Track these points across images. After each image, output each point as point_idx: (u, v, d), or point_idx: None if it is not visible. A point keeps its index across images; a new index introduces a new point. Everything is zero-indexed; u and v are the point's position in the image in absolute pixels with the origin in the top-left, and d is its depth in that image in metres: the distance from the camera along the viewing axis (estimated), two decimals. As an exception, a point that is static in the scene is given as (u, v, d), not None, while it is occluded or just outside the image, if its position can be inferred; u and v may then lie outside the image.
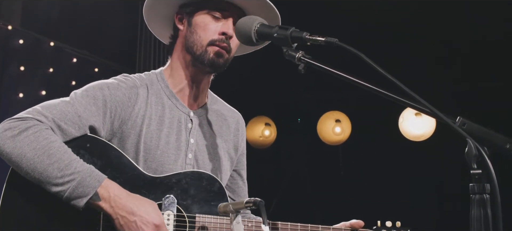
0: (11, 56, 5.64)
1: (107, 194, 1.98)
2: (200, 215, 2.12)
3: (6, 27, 5.54)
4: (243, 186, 2.55)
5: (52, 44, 6.01)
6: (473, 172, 1.35)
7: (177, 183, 2.14)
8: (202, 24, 2.24)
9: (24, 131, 1.98)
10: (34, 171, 1.95)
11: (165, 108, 2.27)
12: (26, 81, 5.71)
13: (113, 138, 2.17)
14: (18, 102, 5.64)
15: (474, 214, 1.34)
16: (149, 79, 2.30)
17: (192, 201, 2.12)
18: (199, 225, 2.10)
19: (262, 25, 1.88)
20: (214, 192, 2.16)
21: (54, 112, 2.05)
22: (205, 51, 2.23)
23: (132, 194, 2.03)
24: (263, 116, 7.56)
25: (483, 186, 1.33)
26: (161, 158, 2.19)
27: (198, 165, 2.29)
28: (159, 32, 2.49)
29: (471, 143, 1.35)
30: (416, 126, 6.80)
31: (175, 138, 2.25)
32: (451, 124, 1.41)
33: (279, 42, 1.80)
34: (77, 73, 6.27)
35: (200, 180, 2.16)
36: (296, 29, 1.77)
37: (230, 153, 2.44)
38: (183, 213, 2.11)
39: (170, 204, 2.08)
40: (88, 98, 2.12)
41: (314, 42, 1.71)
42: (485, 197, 1.33)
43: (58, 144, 1.99)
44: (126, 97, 2.18)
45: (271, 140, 7.55)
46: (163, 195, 2.09)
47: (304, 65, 1.72)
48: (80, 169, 1.97)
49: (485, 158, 1.32)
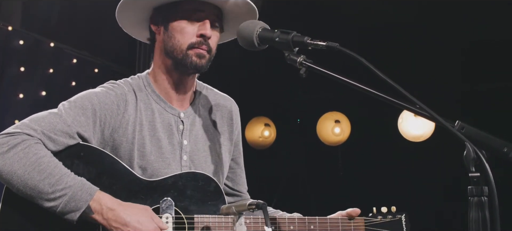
0: (11, 57, 5.64)
1: (99, 206, 1.97)
2: (198, 215, 2.13)
3: (6, 28, 5.54)
4: (241, 173, 2.55)
5: (52, 45, 6.01)
6: (471, 175, 1.37)
7: (173, 185, 2.14)
8: (179, 28, 2.21)
9: (13, 147, 1.96)
10: (25, 188, 1.94)
11: (155, 113, 2.26)
12: (26, 81, 5.69)
13: (105, 147, 2.16)
14: (18, 103, 5.63)
15: (472, 216, 1.35)
16: (136, 84, 2.29)
17: (189, 202, 2.14)
18: (198, 226, 2.11)
19: (264, 29, 1.89)
20: (211, 191, 2.17)
21: (42, 124, 2.03)
22: (185, 55, 2.21)
23: (124, 204, 2.03)
24: (263, 117, 7.58)
25: (481, 189, 1.35)
26: (155, 163, 2.19)
27: (194, 165, 2.29)
28: (136, 34, 2.47)
29: (470, 146, 1.37)
30: (415, 126, 6.83)
31: (167, 142, 2.25)
32: (450, 127, 1.42)
33: (280, 46, 1.81)
34: (77, 74, 6.28)
35: (196, 181, 2.17)
36: (298, 33, 1.79)
37: (226, 145, 2.43)
38: (181, 215, 2.12)
39: (168, 206, 2.09)
40: (76, 109, 2.11)
41: (316, 46, 1.73)
42: (483, 200, 1.35)
43: (48, 159, 1.98)
44: (115, 105, 2.17)
45: (271, 140, 7.57)
46: (160, 198, 2.10)
47: (305, 69, 1.74)
48: (71, 183, 1.96)
49: (483, 161, 1.34)
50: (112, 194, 2.03)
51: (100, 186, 2.02)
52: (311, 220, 2.27)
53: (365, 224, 2.42)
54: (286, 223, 2.24)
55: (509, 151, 1.40)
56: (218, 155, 2.38)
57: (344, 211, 2.40)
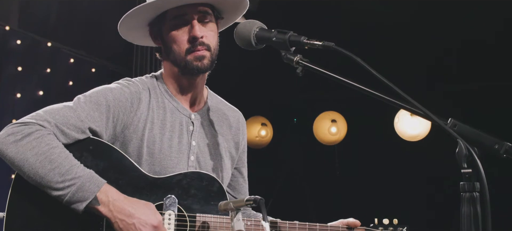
0: (8, 57, 5.65)
1: (105, 198, 2.03)
2: (201, 214, 2.17)
3: (4, 28, 5.56)
4: (244, 183, 2.58)
5: (49, 44, 6.02)
6: (463, 171, 1.40)
7: (178, 184, 2.18)
8: (171, 39, 2.26)
9: (27, 136, 2.02)
10: (35, 175, 2.00)
11: (167, 111, 2.30)
12: (24, 81, 5.72)
13: (115, 142, 2.21)
14: (16, 102, 5.66)
15: (464, 211, 1.38)
16: (151, 83, 2.34)
17: (192, 201, 2.17)
18: (200, 224, 2.15)
19: (261, 29, 1.92)
20: (214, 191, 2.21)
21: (57, 117, 2.09)
22: (186, 61, 2.25)
23: (130, 198, 2.08)
24: (260, 116, 7.60)
25: (473, 185, 1.38)
26: (163, 162, 2.23)
27: (200, 166, 2.33)
28: (142, 42, 2.51)
29: (462, 143, 1.40)
30: (411, 126, 6.86)
31: (177, 141, 2.29)
32: (443, 125, 1.45)
33: (277, 46, 1.84)
34: (74, 73, 6.31)
35: (200, 180, 2.21)
36: (294, 33, 1.82)
37: (231, 151, 2.47)
38: (183, 213, 2.15)
39: (171, 204, 2.13)
40: (91, 104, 2.16)
41: (312, 46, 1.75)
42: (474, 195, 1.37)
43: (59, 150, 2.03)
44: (128, 103, 2.21)
45: (268, 139, 7.59)
46: (164, 195, 2.14)
47: (302, 68, 1.77)
48: (80, 174, 2.01)
49: (475, 158, 1.37)
50: (118, 188, 2.07)
51: (107, 179, 2.07)
52: (311, 226, 2.30)
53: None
54: (286, 227, 2.27)
55: (500, 147, 1.43)
56: (222, 160, 2.41)
57: (344, 220, 2.41)
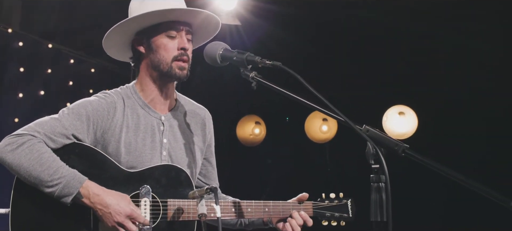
0: (11, 58, 5.86)
1: (87, 192, 2.42)
2: (171, 199, 2.54)
3: (6, 30, 5.75)
4: (213, 170, 2.99)
5: (50, 46, 6.20)
6: (373, 166, 1.68)
7: (151, 175, 2.57)
8: (162, 45, 2.66)
9: (21, 145, 2.43)
10: (30, 177, 2.41)
11: (140, 117, 2.68)
12: (26, 81, 5.93)
13: (97, 145, 2.59)
14: (18, 102, 5.85)
15: (373, 197, 1.67)
16: (125, 93, 2.73)
17: (164, 189, 2.55)
18: (171, 208, 2.53)
19: (225, 50, 2.34)
20: (181, 180, 2.59)
21: (45, 127, 2.50)
22: (170, 67, 2.65)
23: (108, 190, 2.46)
24: (254, 115, 7.76)
25: (379, 177, 1.67)
26: (139, 158, 2.61)
27: (172, 160, 2.71)
28: (119, 56, 2.89)
29: (370, 144, 1.69)
30: (399, 124, 7.04)
31: (150, 140, 2.67)
32: (358, 130, 1.74)
33: (237, 64, 2.25)
34: (74, 73, 6.49)
35: (169, 172, 2.59)
36: (251, 54, 2.20)
37: (199, 145, 2.85)
38: (157, 199, 2.53)
39: (146, 192, 2.51)
40: (73, 115, 2.56)
41: (264, 64, 2.16)
42: (381, 185, 1.66)
43: (48, 155, 2.44)
44: (105, 112, 2.61)
45: (261, 138, 7.75)
46: (140, 185, 2.52)
47: (255, 83, 2.16)
48: (65, 173, 2.41)
49: (380, 156, 1.66)
50: (100, 183, 2.46)
51: (90, 176, 2.46)
52: (266, 203, 2.73)
53: (313, 207, 2.76)
54: (244, 205, 2.67)
55: (399, 148, 1.73)
56: (192, 153, 2.80)
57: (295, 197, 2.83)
